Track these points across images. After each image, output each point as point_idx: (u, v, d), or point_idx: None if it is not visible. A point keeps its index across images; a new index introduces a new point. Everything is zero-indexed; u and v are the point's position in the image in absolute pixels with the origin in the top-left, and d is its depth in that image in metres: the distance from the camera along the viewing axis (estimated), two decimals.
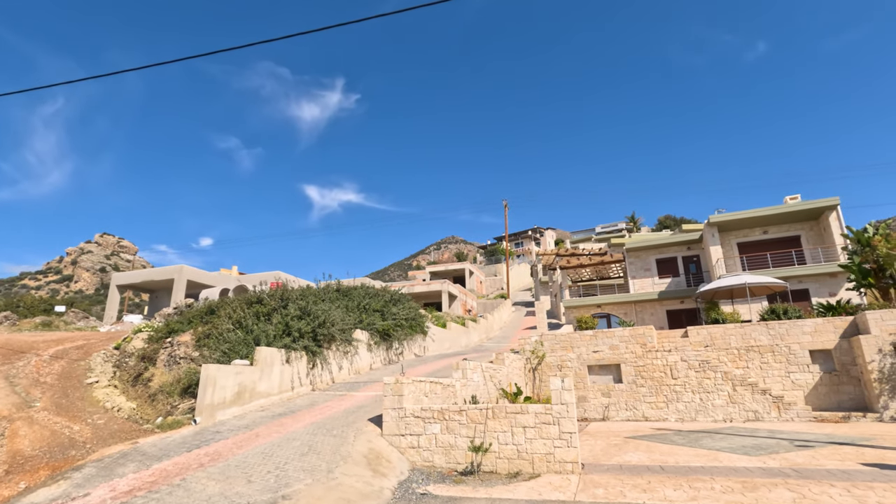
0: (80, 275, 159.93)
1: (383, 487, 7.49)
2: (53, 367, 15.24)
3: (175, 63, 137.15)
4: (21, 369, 14.55)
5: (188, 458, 8.20)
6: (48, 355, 16.74)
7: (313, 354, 13.88)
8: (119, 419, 11.02)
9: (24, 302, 32.37)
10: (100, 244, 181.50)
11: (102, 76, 7.66)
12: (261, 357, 12.25)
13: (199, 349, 13.32)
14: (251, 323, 13.32)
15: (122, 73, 8.01)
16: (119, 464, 8.07)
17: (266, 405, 12.25)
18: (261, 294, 14.83)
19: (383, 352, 18.18)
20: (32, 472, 7.64)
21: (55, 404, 11.48)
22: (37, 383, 13.22)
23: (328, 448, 8.55)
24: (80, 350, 17.92)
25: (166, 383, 12.64)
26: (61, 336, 21.25)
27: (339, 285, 18.99)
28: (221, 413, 10.96)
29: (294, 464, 7.83)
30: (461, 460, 8.68)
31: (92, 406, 11.83)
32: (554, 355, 18.70)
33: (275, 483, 7.07)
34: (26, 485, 7.20)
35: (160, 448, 8.88)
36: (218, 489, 6.87)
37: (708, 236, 26.07)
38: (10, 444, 8.57)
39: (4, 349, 17.01)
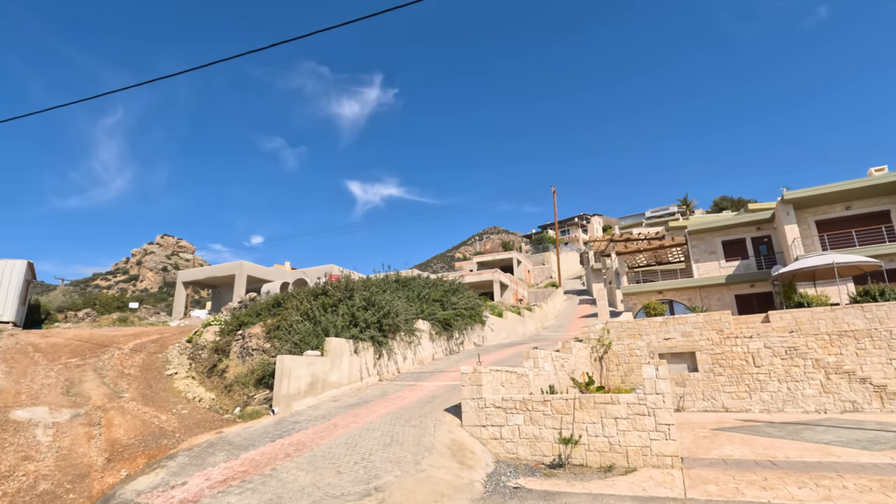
0: (145, 274, 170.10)
1: (473, 480, 7.21)
2: (135, 360, 15.98)
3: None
4: (107, 362, 15.33)
5: (273, 448, 8.23)
6: (129, 349, 17.60)
7: (379, 345, 13.83)
8: (201, 409, 11.32)
9: (99, 300, 34.50)
10: (161, 245, 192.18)
11: (153, 81, 7.69)
12: (331, 348, 12.28)
13: (269, 341, 13.54)
14: (318, 314, 13.39)
15: (171, 76, 8.04)
16: (209, 453, 8.20)
17: (338, 395, 12.29)
18: (325, 286, 14.92)
19: (444, 342, 18.00)
20: (131, 459, 7.87)
21: (141, 395, 11.94)
22: (122, 375, 13.86)
23: (410, 439, 8.37)
24: (156, 343, 18.75)
25: (241, 374, 12.92)
26: (137, 331, 22.39)
27: (397, 276, 18.92)
28: (297, 403, 11.05)
29: (379, 455, 7.69)
30: (547, 452, 8.29)
31: (174, 396, 12.24)
32: (621, 343, 17.92)
33: (364, 474, 6.94)
34: (127, 472, 7.41)
35: (244, 438, 8.99)
36: (309, 480, 6.80)
37: (781, 214, 24.25)
38: (108, 432, 8.90)
39: (90, 343, 18.03)
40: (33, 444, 7.94)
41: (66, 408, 10.05)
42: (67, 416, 9.55)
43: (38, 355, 15.27)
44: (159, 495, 6.52)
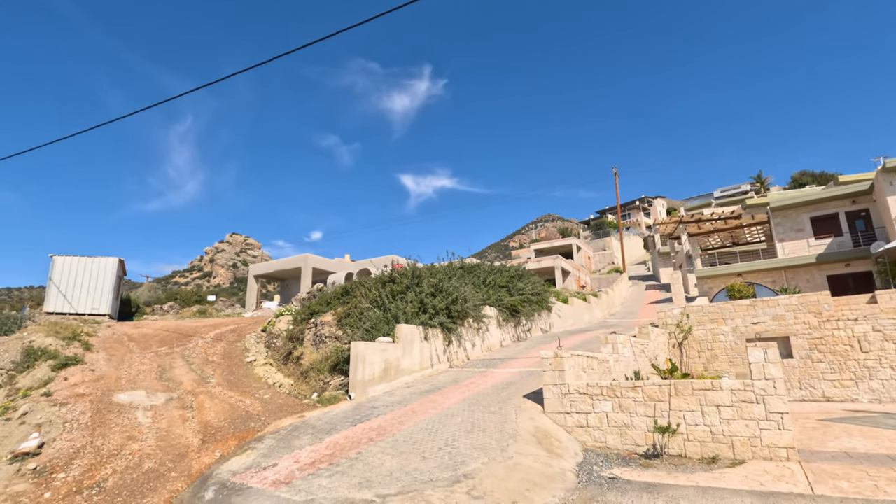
0: (217, 271, 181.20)
1: (563, 469, 6.84)
2: (216, 348, 16.82)
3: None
4: (192, 350, 16.23)
5: (355, 433, 8.24)
6: (210, 338, 18.57)
7: (449, 331, 13.67)
8: (281, 394, 11.64)
9: (180, 295, 37.03)
10: (230, 243, 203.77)
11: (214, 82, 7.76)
12: (402, 334, 12.24)
13: (341, 328, 13.74)
14: (387, 301, 13.41)
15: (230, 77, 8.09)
16: (294, 436, 8.34)
17: (410, 382, 12.26)
18: (392, 274, 14.94)
19: (511, 328, 17.61)
20: (222, 441, 8.14)
21: (226, 380, 12.47)
22: (207, 362, 14.59)
23: (492, 425, 8.10)
24: (234, 333, 19.68)
25: (316, 361, 13.20)
26: (216, 321, 23.67)
27: (462, 263, 18.71)
28: (372, 389, 11.09)
29: (462, 441, 7.48)
30: (640, 442, 7.75)
31: (255, 382, 12.70)
32: (702, 329, 16.77)
33: (450, 460, 6.74)
34: (220, 453, 7.65)
35: (326, 422, 9.10)
36: (395, 464, 6.69)
37: (883, 185, 21.71)
38: (200, 415, 9.30)
39: (176, 333, 19.21)
40: (135, 425, 8.40)
41: (161, 392, 10.63)
42: (163, 399, 10.09)
43: (132, 344, 16.41)
44: (253, 475, 6.65)
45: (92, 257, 22.78)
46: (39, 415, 8.52)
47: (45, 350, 12.54)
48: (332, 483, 6.20)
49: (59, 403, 9.05)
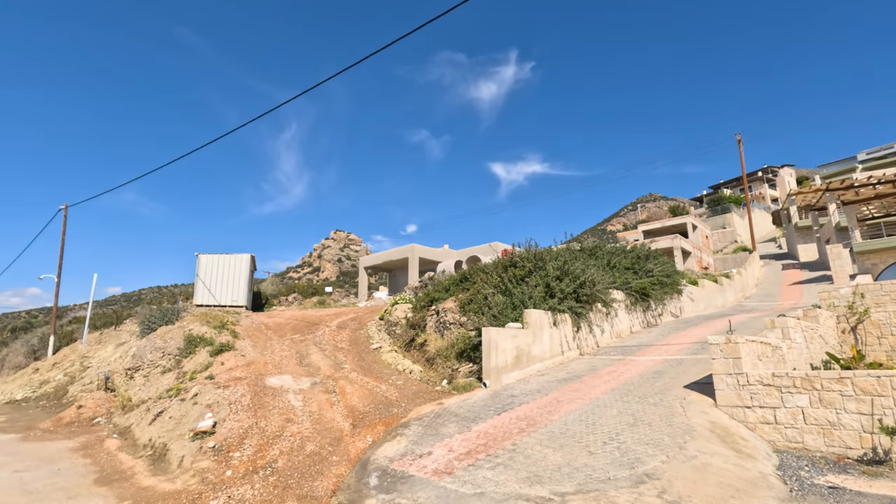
0: (324, 265, 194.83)
1: (763, 473, 5.79)
2: (342, 336, 17.54)
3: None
4: (321, 337, 17.07)
5: (502, 422, 7.82)
6: (334, 326, 19.47)
7: (578, 316, 12.81)
8: (413, 381, 11.65)
9: (298, 287, 39.96)
10: (335, 239, 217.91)
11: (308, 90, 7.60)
12: (531, 320, 11.64)
13: (464, 314, 13.48)
14: (511, 286, 12.86)
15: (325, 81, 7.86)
16: (438, 423, 8.14)
17: (542, 369, 11.64)
18: (513, 257, 14.36)
19: (640, 313, 16.21)
20: (371, 426, 8.17)
21: (359, 366, 12.81)
22: (337, 348, 15.20)
23: (657, 419, 7.21)
24: (355, 321, 20.46)
25: (441, 348, 13.09)
26: (337, 311, 24.93)
27: (581, 245, 17.60)
28: (505, 377, 10.65)
29: (628, 435, 6.70)
30: (852, 444, 6.39)
31: (386, 368, 12.89)
32: (882, 311, 14.07)
33: (621, 457, 6.02)
34: (372, 439, 7.65)
35: (467, 409, 8.81)
36: (560, 459, 6.12)
37: None
38: (344, 400, 9.51)
39: (304, 322, 20.45)
40: (290, 408, 8.75)
41: (305, 377, 11.11)
42: (308, 383, 10.51)
43: (269, 332, 17.66)
44: (410, 463, 6.49)
45: (229, 254, 25.11)
46: (207, 396, 9.22)
47: (202, 338, 13.82)
48: (496, 476, 5.80)
49: (221, 386, 9.76)
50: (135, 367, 13.54)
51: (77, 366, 21.02)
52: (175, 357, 13.37)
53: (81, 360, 21.98)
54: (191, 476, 6.40)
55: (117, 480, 6.75)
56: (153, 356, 13.58)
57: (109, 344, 22.76)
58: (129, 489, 6.30)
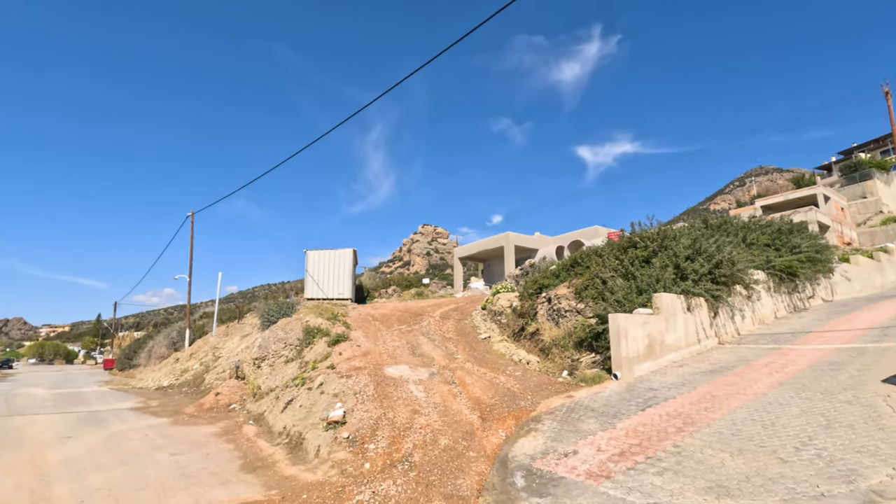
0: (414, 259, 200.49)
1: None
2: (447, 326, 17.34)
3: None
4: (426, 328, 17.00)
5: (651, 419, 6.89)
6: (438, 316, 19.37)
7: (715, 300, 11.29)
8: (532, 372, 11.00)
9: (392, 280, 41.02)
10: (423, 233, 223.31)
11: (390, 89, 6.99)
12: (662, 305, 10.41)
13: (581, 301, 12.52)
14: (634, 269, 11.66)
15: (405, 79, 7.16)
16: (574, 418, 7.41)
17: (678, 360, 10.39)
18: (632, 237, 13.08)
19: (785, 296, 14.07)
20: (500, 420, 7.65)
21: (472, 357, 12.42)
22: (445, 338, 14.97)
23: (858, 420, 5.86)
24: (456, 311, 20.22)
25: (558, 337, 12.27)
26: (437, 302, 24.98)
27: (705, 220, 15.68)
28: (637, 368, 9.60)
29: (825, 440, 5.48)
30: None
31: (500, 359, 12.37)
32: None
33: (827, 467, 4.87)
34: (505, 434, 7.13)
35: (602, 403, 7.97)
36: (744, 466, 5.12)
37: None
38: (466, 391, 9.11)
39: (407, 313, 20.63)
40: (414, 399, 8.51)
41: (421, 367, 10.91)
42: (425, 374, 10.27)
43: (377, 323, 17.95)
44: (556, 462, 5.85)
45: (333, 249, 26.16)
46: (333, 385, 9.31)
47: (318, 328, 14.27)
48: (667, 483, 4.96)
49: (344, 375, 9.83)
50: (261, 357, 14.35)
51: (210, 356, 23.13)
52: (296, 347, 13.94)
53: (213, 350, 24.17)
54: (329, 467, 6.31)
55: (261, 468, 6.88)
56: (276, 346, 14.29)
57: (235, 336, 24.79)
58: (274, 478, 6.35)
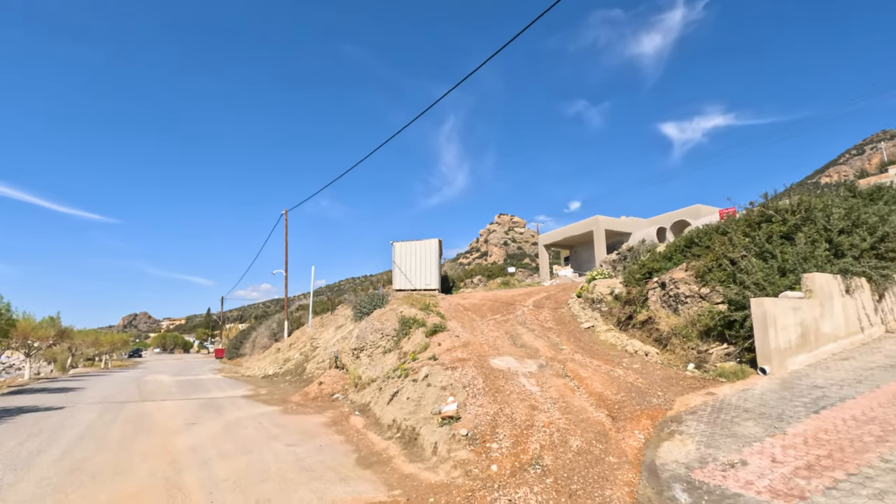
0: (491, 249, 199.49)
1: None
2: (543, 315, 16.43)
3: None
4: (521, 317, 16.22)
5: (832, 424, 5.63)
6: (531, 305, 18.51)
7: (883, 279, 9.40)
8: (653, 365, 9.86)
9: (477, 270, 40.52)
10: (499, 223, 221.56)
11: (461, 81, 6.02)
12: (815, 286, 8.80)
13: (704, 284, 11.08)
14: (773, 247, 10.03)
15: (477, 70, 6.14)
16: (727, 420, 6.31)
17: (838, 351, 8.76)
18: (765, 211, 11.32)
19: None
20: (634, 419, 6.74)
21: (579, 348, 11.48)
22: (544, 328, 14.11)
23: None
24: (548, 300, 19.21)
25: (678, 326, 10.96)
26: (525, 291, 24.08)
27: (852, 187, 13.28)
28: (790, 361, 8.16)
29: None
30: None
31: (610, 350, 11.32)
32: None
33: None
34: (643, 436, 6.21)
35: (756, 403, 6.76)
36: None
37: None
38: (584, 386, 8.26)
39: (499, 302, 19.97)
40: (528, 393, 7.83)
41: (527, 358, 10.20)
42: (534, 366, 9.54)
43: (468, 313, 17.47)
44: (722, 475, 4.88)
45: (419, 241, 26.13)
46: (439, 378, 8.88)
47: (414, 319, 14.04)
48: None
49: (448, 367, 9.38)
50: (359, 347, 14.42)
51: (308, 346, 24.10)
52: (393, 338, 13.82)
53: (310, 341, 25.19)
54: (451, 467, 5.81)
55: (377, 463, 6.57)
56: (374, 337, 14.28)
57: (330, 327, 25.66)
58: (393, 475, 5.98)
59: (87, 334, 36.97)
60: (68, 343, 31.10)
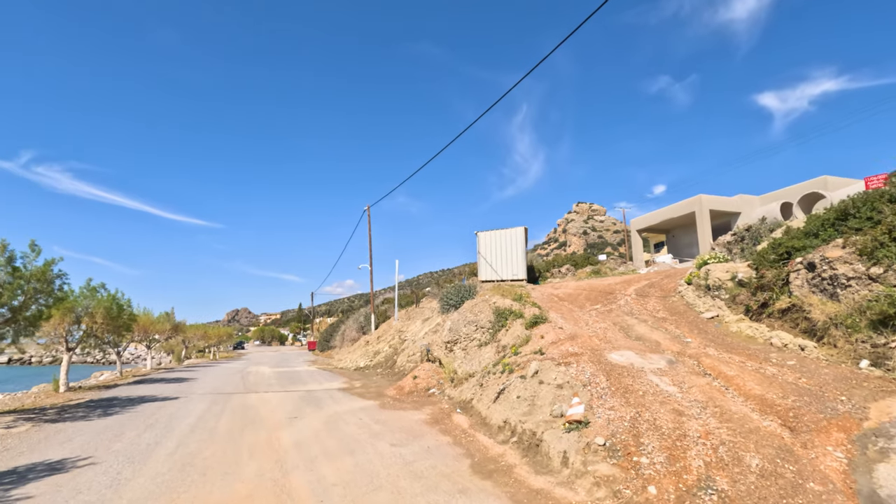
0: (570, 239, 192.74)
1: None
2: (650, 304, 14.79)
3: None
4: (625, 306, 14.70)
5: None
6: (632, 293, 16.85)
7: None
8: (812, 361, 8.14)
9: (556, 260, 38.62)
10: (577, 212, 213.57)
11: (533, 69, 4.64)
12: None
13: (876, 264, 9.03)
14: None
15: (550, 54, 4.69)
16: None
17: None
18: None
19: None
20: (821, 431, 5.32)
21: (708, 340, 9.92)
22: (657, 319, 12.57)
23: None
24: (652, 287, 17.41)
25: (839, 314, 9.02)
26: (622, 279, 22.22)
27: None
28: None
29: None
30: None
31: (747, 342, 9.64)
32: None
33: None
34: (844, 455, 4.81)
35: None
36: None
37: None
38: (734, 386, 6.86)
39: (596, 292, 18.45)
40: (665, 395, 6.61)
41: (650, 353, 8.89)
42: (661, 362, 8.24)
43: (564, 303, 16.22)
44: None
45: (504, 229, 25.10)
46: (552, 374, 7.90)
47: (510, 310, 13.11)
48: None
49: (560, 362, 8.36)
50: (452, 340, 13.78)
51: (396, 339, 24.08)
52: (488, 330, 13.01)
53: (398, 333, 25.19)
54: (592, 485, 4.83)
55: (496, 472, 5.76)
56: (467, 329, 13.56)
57: (416, 320, 25.49)
58: (520, 490, 5.12)
59: (198, 328, 40.22)
60: (182, 336, 33.90)
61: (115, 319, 17.13)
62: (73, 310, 14.86)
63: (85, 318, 15.85)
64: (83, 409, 11.31)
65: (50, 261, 10.17)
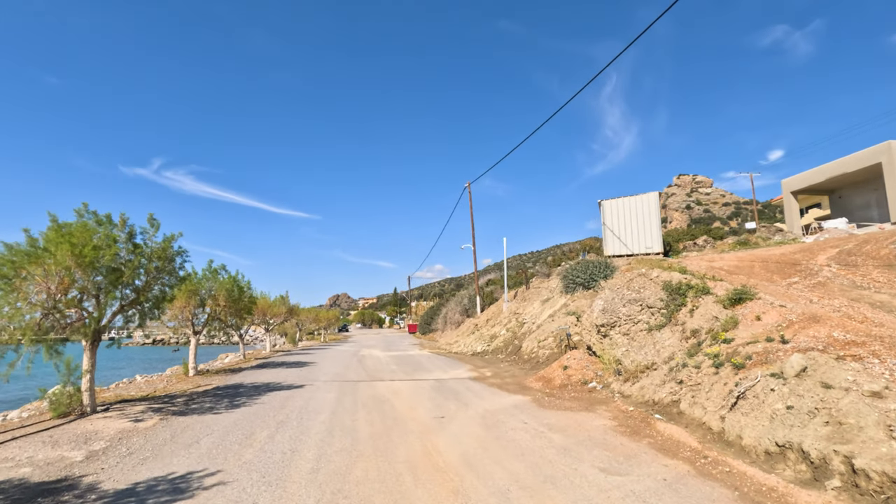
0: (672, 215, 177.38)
1: None
2: (875, 276, 11.17)
3: None
4: (837, 281, 11.24)
5: None
6: (829, 262, 13.18)
7: None
8: None
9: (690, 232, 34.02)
10: (679, 185, 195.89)
11: None
12: None
13: None
14: None
15: None
16: None
17: None
18: None
19: None
20: None
21: None
22: None
23: None
24: (850, 255, 13.55)
25: None
26: (791, 248, 18.08)
27: None
28: None
29: None
30: None
31: None
32: None
33: None
34: None
35: None
36: None
37: None
38: None
39: (771, 263, 14.84)
40: None
41: None
42: None
43: (737, 276, 12.98)
44: None
45: (633, 196, 21.80)
46: (839, 374, 5.23)
47: (688, 284, 10.35)
48: None
49: (838, 356, 5.63)
50: (608, 323, 11.31)
51: (513, 322, 22.00)
52: (660, 310, 10.35)
53: (514, 316, 23.08)
54: None
55: None
56: (628, 310, 11.01)
57: (534, 301, 23.19)
58: None
59: (310, 312, 41.41)
60: (295, 319, 34.77)
61: (237, 302, 16.88)
62: (197, 292, 14.58)
63: (209, 301, 15.63)
64: (210, 398, 10.58)
65: (170, 237, 9.34)
